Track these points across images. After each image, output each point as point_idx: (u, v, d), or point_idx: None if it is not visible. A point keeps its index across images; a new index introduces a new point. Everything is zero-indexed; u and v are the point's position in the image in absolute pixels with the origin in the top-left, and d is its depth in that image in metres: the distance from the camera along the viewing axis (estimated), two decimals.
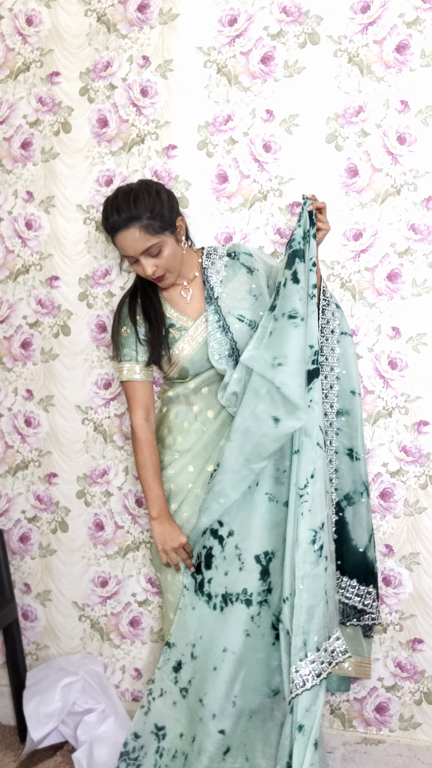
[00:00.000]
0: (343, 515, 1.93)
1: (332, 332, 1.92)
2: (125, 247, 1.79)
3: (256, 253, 1.95)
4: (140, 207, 1.76)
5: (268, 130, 2.06)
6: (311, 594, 1.72)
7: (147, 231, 1.76)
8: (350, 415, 1.93)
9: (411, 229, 2.00)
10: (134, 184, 1.83)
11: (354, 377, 1.94)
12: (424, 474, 2.05)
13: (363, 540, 1.94)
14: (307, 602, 1.72)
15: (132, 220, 1.76)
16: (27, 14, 2.21)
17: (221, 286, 1.89)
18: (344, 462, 1.94)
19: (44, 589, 2.38)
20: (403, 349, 2.03)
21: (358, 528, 1.94)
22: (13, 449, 2.36)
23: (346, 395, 1.94)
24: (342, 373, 1.93)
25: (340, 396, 1.93)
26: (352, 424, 1.93)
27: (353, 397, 1.93)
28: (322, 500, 1.75)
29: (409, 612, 2.09)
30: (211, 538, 1.87)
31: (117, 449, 2.26)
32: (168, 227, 1.80)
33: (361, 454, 1.94)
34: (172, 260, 1.82)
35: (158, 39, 2.11)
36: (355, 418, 1.93)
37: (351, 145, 2.02)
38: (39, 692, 2.19)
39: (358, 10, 1.98)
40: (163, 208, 1.78)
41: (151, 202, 1.77)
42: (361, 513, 1.94)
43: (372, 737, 2.14)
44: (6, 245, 2.30)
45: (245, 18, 2.05)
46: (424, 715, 2.11)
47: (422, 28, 1.94)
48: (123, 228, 1.77)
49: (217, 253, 1.95)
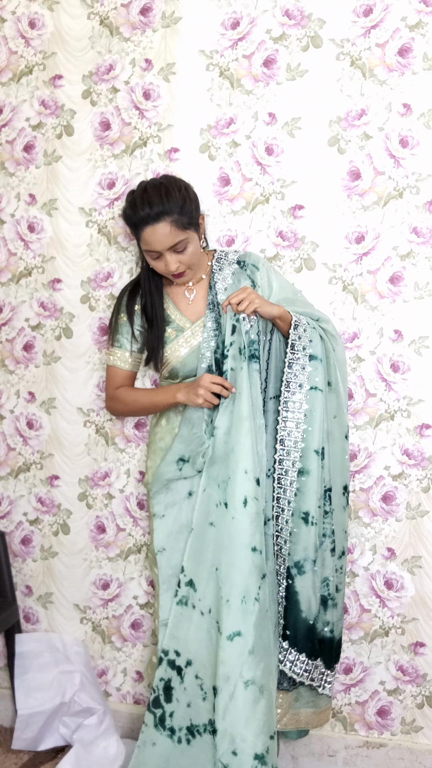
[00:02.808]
0: (293, 583, 1.79)
1: (300, 387, 1.79)
2: (153, 241, 1.77)
3: (263, 267, 1.94)
4: (172, 201, 1.75)
5: (271, 133, 2.06)
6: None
7: (177, 226, 1.75)
8: (309, 475, 1.78)
9: (413, 232, 2.00)
10: (161, 179, 1.84)
11: (317, 436, 1.78)
12: (427, 477, 2.04)
13: (312, 612, 1.80)
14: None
15: (163, 215, 1.74)
16: (30, 17, 2.21)
17: (224, 294, 1.89)
18: (297, 526, 1.79)
19: (46, 591, 2.38)
20: (406, 352, 2.03)
21: (308, 599, 1.80)
22: (15, 451, 2.36)
23: (308, 454, 1.78)
24: (307, 431, 1.78)
25: (303, 455, 1.78)
26: (310, 485, 1.78)
27: (315, 457, 1.78)
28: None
29: (411, 615, 2.08)
30: (169, 669, 1.82)
31: (119, 452, 2.26)
32: (194, 224, 1.81)
33: (317, 518, 1.78)
34: (194, 257, 1.83)
35: (161, 42, 2.12)
36: (313, 480, 1.78)
37: (353, 148, 2.02)
38: (32, 669, 2.23)
39: (360, 14, 1.98)
40: (191, 204, 1.80)
41: (181, 198, 1.77)
42: (310, 582, 1.80)
43: (373, 741, 2.14)
44: (8, 248, 2.30)
45: (248, 21, 2.05)
46: (426, 718, 2.11)
47: (425, 31, 1.95)
48: (153, 222, 1.75)
49: (227, 259, 1.94)
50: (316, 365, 1.80)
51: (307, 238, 2.06)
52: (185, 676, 1.82)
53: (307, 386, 1.79)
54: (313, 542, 1.79)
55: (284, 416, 1.79)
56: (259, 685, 1.71)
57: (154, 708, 1.85)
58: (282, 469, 1.79)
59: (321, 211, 2.05)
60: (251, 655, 1.71)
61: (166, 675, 1.84)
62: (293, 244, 2.07)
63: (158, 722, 1.85)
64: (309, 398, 1.78)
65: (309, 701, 1.91)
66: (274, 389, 1.84)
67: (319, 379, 1.80)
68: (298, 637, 1.80)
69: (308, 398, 1.78)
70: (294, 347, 1.80)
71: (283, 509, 1.79)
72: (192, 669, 1.82)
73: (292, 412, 1.79)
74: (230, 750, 1.72)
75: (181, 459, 1.87)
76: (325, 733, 2.16)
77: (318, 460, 1.79)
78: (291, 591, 1.80)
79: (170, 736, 1.83)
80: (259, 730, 1.71)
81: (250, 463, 1.73)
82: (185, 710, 1.82)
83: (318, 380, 1.80)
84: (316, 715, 1.93)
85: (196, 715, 1.82)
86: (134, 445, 2.25)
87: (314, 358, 1.80)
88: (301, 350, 1.80)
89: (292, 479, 1.78)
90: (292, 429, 1.79)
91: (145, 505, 2.25)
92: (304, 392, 1.78)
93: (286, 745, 2.15)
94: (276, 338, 1.86)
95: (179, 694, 1.82)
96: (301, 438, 1.78)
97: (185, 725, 1.82)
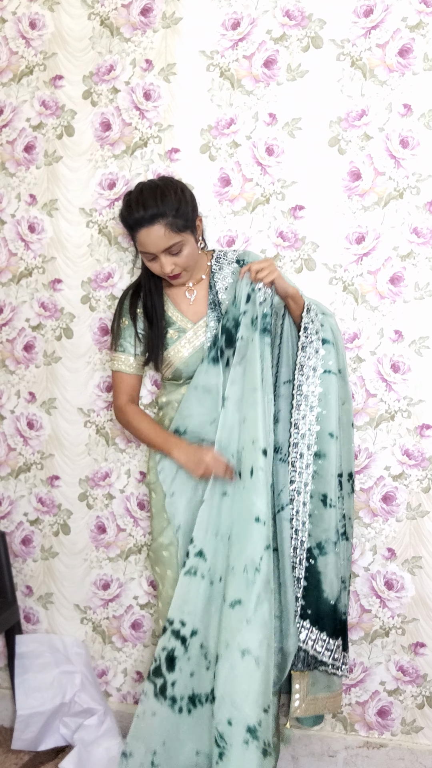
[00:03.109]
0: (315, 563, 1.81)
1: (313, 370, 1.81)
2: (147, 243, 1.78)
3: None
4: (167, 204, 1.75)
5: (271, 133, 2.07)
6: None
7: (171, 229, 1.75)
8: (326, 458, 1.81)
9: (413, 232, 2.00)
10: (158, 180, 1.83)
11: (333, 419, 1.81)
12: (427, 477, 2.04)
13: (334, 592, 1.83)
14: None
15: (158, 217, 1.74)
16: (30, 18, 2.21)
17: (225, 293, 1.89)
18: (318, 508, 1.82)
19: (46, 591, 2.38)
20: (406, 353, 2.03)
21: (330, 579, 1.82)
22: (15, 452, 2.36)
23: (324, 437, 1.81)
24: (322, 414, 1.81)
25: (319, 438, 1.81)
26: (327, 468, 1.81)
27: (331, 440, 1.81)
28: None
29: (411, 616, 2.08)
30: (173, 638, 1.82)
31: (119, 452, 2.26)
32: (190, 226, 1.80)
33: (335, 501, 1.82)
34: (190, 259, 1.83)
35: (161, 42, 2.12)
36: (330, 462, 1.81)
37: (354, 148, 2.02)
38: (33, 669, 2.23)
39: (361, 14, 1.98)
40: (187, 206, 1.79)
41: (176, 200, 1.76)
42: (333, 563, 1.82)
43: (374, 741, 2.14)
44: (9, 248, 2.30)
45: (248, 22, 2.05)
46: (426, 719, 2.11)
47: (425, 32, 1.95)
48: (148, 224, 1.75)
49: (226, 258, 1.95)
50: (329, 349, 1.83)
51: (307, 239, 2.07)
52: (190, 646, 1.81)
53: (321, 370, 1.82)
54: (334, 524, 1.82)
55: (298, 400, 1.81)
56: (255, 656, 1.71)
57: (154, 677, 1.84)
58: (297, 452, 1.81)
59: (321, 211, 2.05)
60: (248, 625, 1.71)
61: (169, 644, 1.83)
62: (294, 245, 2.08)
63: (159, 692, 1.83)
64: (323, 381, 1.81)
65: (324, 685, 1.93)
66: (287, 374, 1.85)
67: (332, 362, 1.83)
68: (320, 616, 1.82)
69: (322, 381, 1.81)
70: (307, 330, 1.82)
71: (299, 492, 1.81)
72: (197, 638, 1.81)
73: (305, 395, 1.81)
74: (226, 719, 1.73)
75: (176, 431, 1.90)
76: (326, 733, 2.16)
77: (335, 443, 1.82)
78: (313, 571, 1.81)
79: (171, 705, 1.82)
80: (253, 702, 1.71)
81: (260, 433, 1.73)
82: (188, 680, 1.82)
83: (331, 364, 1.82)
84: (332, 698, 1.94)
85: (198, 685, 1.82)
86: (135, 445, 2.25)
87: (327, 342, 1.83)
88: (314, 334, 1.82)
89: (308, 462, 1.81)
90: (307, 413, 1.81)
91: (146, 505, 2.25)
92: (318, 375, 1.81)
93: (285, 747, 2.14)
94: (288, 322, 1.86)
95: (183, 664, 1.82)
96: (315, 421, 1.80)
97: (187, 694, 1.82)
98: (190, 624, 1.81)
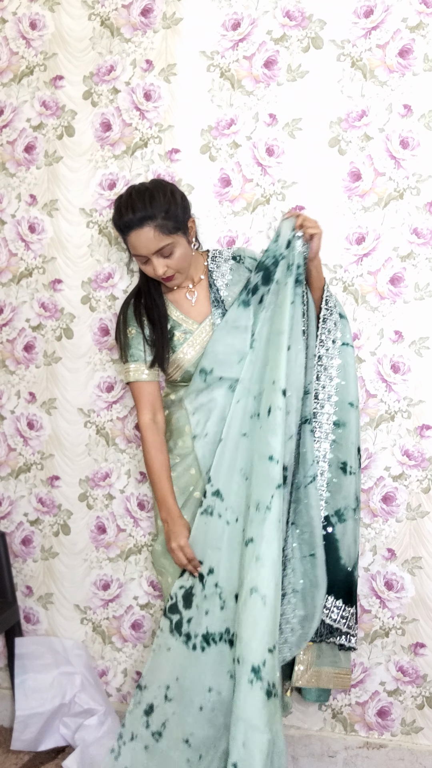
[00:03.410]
0: (333, 531, 1.85)
1: (333, 342, 1.88)
2: (138, 246, 1.77)
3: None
4: (156, 206, 1.74)
5: (271, 134, 2.07)
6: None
7: (161, 231, 1.75)
8: (346, 427, 1.87)
9: (414, 233, 2.00)
10: (148, 183, 1.82)
11: (352, 389, 1.89)
12: (427, 478, 2.04)
13: (352, 558, 1.87)
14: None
15: (147, 220, 1.74)
16: (31, 18, 2.22)
17: (227, 290, 1.90)
18: (337, 475, 1.87)
19: (46, 591, 2.38)
20: (406, 353, 2.03)
21: (348, 546, 1.86)
22: (15, 452, 2.36)
23: (344, 406, 1.88)
24: (341, 384, 1.88)
25: (338, 407, 1.87)
26: (347, 437, 1.87)
27: (351, 409, 1.88)
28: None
29: (411, 616, 2.08)
30: (191, 576, 1.84)
31: (119, 452, 2.27)
32: (181, 228, 1.79)
33: (355, 468, 1.87)
34: (183, 261, 1.82)
35: (161, 43, 2.12)
36: (350, 431, 1.87)
37: (354, 149, 2.02)
38: (32, 670, 2.23)
39: (361, 15, 1.98)
40: (177, 208, 1.78)
41: (166, 202, 1.76)
42: (351, 530, 1.87)
43: (374, 741, 2.14)
44: (9, 248, 2.30)
45: (248, 22, 2.05)
46: (426, 719, 2.11)
47: (425, 32, 1.95)
48: (137, 227, 1.75)
49: (222, 256, 1.95)
50: (345, 323, 1.91)
51: None
52: (206, 584, 1.83)
53: (340, 342, 1.89)
54: (354, 490, 1.87)
55: (319, 371, 1.87)
56: (261, 595, 1.71)
57: (170, 614, 1.87)
58: (317, 421, 1.86)
59: (322, 211, 2.05)
60: (257, 563, 1.72)
61: (187, 583, 1.85)
62: None
63: (174, 627, 1.86)
64: (341, 353, 1.89)
65: (331, 660, 1.92)
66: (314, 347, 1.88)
67: (349, 336, 1.91)
68: (336, 583, 1.84)
69: (341, 353, 1.89)
70: (328, 303, 1.90)
71: (317, 461, 1.85)
72: (213, 577, 1.83)
73: (326, 367, 1.87)
74: (236, 656, 1.74)
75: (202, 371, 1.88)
76: (326, 734, 2.16)
77: (355, 412, 1.88)
78: (331, 539, 1.85)
79: (186, 642, 1.84)
80: (258, 641, 1.70)
81: (281, 375, 1.75)
82: (203, 617, 1.83)
83: (348, 337, 1.91)
84: (337, 676, 1.94)
85: (212, 623, 1.83)
86: (135, 445, 2.25)
87: (343, 316, 1.92)
88: (334, 307, 1.91)
89: (327, 431, 1.86)
90: (327, 382, 1.87)
91: (146, 505, 2.25)
92: (338, 347, 1.88)
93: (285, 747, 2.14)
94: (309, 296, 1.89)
95: (199, 601, 1.83)
96: (335, 391, 1.87)
97: (201, 632, 1.83)
98: (207, 563, 1.83)
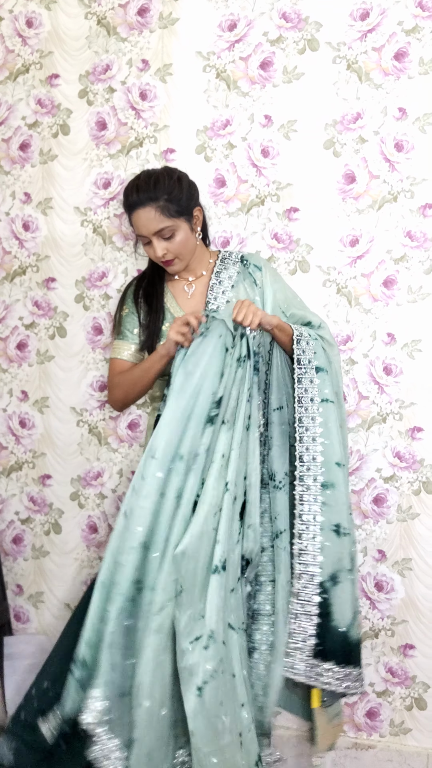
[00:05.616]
0: (327, 597, 1.73)
1: (311, 401, 1.78)
2: (140, 225, 1.82)
3: (265, 268, 1.95)
4: (159, 189, 1.80)
5: (267, 135, 2.07)
6: None
7: (162, 212, 1.79)
8: (335, 488, 1.75)
9: (407, 236, 2.01)
10: (159, 169, 1.89)
11: (337, 447, 1.77)
12: (418, 480, 2.05)
13: (346, 619, 1.75)
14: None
15: (149, 200, 1.79)
16: (27, 16, 2.21)
17: (232, 291, 1.91)
18: (330, 539, 1.74)
19: (37, 590, 2.38)
20: (398, 356, 2.04)
21: (342, 608, 1.75)
22: (7, 450, 2.36)
23: (330, 467, 1.76)
24: (325, 444, 1.76)
25: (325, 467, 1.75)
26: (338, 497, 1.75)
27: (338, 469, 1.76)
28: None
29: (400, 617, 2.09)
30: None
31: (111, 452, 2.26)
32: (184, 213, 1.83)
33: (349, 528, 1.76)
34: (183, 246, 1.84)
35: (158, 43, 2.12)
36: (340, 491, 1.75)
37: (349, 151, 2.02)
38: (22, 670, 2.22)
39: (357, 18, 1.98)
40: (181, 193, 1.82)
41: (170, 186, 1.81)
42: (346, 592, 1.75)
43: (362, 742, 2.15)
44: (3, 246, 2.30)
45: (245, 23, 2.05)
46: (415, 720, 2.11)
47: (421, 36, 1.95)
48: (140, 206, 1.80)
49: (231, 259, 1.97)
50: (323, 377, 1.80)
51: (301, 241, 2.07)
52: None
53: (319, 399, 1.78)
54: (348, 551, 1.76)
55: (300, 432, 1.77)
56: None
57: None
58: (303, 485, 1.77)
59: (316, 213, 2.05)
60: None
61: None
62: (288, 247, 2.08)
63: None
64: (322, 411, 1.77)
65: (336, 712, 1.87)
66: (277, 401, 1.83)
67: (328, 390, 1.79)
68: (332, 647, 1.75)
69: (321, 411, 1.77)
70: (300, 362, 1.79)
71: (308, 526, 1.76)
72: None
73: (307, 427, 1.77)
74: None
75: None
76: None
77: (342, 472, 1.76)
78: (325, 605, 1.74)
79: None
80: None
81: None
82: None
83: (327, 392, 1.79)
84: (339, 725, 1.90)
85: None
86: (127, 445, 2.25)
87: (321, 369, 1.80)
88: (308, 363, 1.79)
89: (316, 494, 1.76)
90: (310, 444, 1.77)
91: None
92: (317, 405, 1.78)
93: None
94: (276, 351, 1.84)
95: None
96: (319, 452, 1.76)
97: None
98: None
